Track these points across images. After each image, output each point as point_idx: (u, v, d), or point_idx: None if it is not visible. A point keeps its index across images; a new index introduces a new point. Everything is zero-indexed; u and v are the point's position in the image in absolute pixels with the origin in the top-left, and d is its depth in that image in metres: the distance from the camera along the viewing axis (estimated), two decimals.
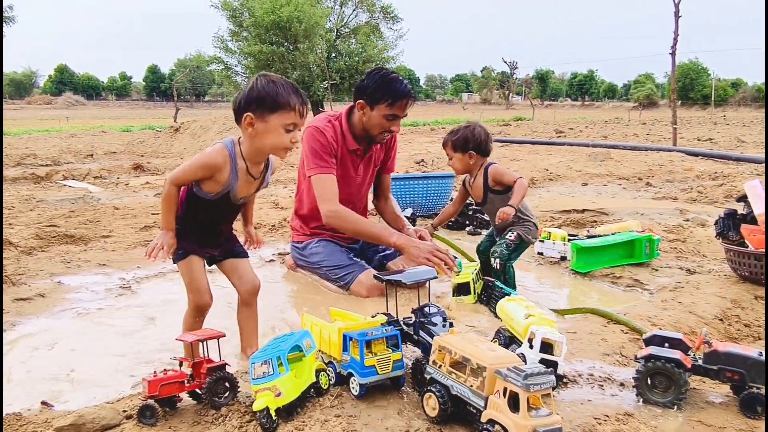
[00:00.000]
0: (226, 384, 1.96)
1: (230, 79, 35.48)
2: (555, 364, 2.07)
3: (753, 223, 3.42)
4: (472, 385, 1.76)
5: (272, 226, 5.25)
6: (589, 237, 4.24)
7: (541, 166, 10.29)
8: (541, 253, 4.28)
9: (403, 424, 1.83)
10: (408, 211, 5.28)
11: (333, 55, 35.75)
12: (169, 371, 1.95)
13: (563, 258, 4.14)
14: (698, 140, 16.65)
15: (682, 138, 16.49)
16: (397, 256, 3.70)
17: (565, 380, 2.22)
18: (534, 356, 2.07)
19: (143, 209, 6.07)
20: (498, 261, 3.29)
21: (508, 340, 2.32)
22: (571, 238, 4.27)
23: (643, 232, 4.16)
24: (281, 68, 30.77)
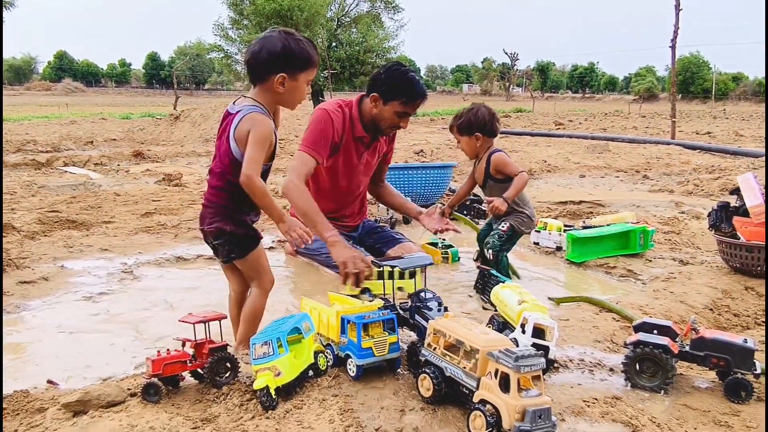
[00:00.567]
0: (227, 364, 2.02)
1: (230, 67, 35.44)
2: (546, 349, 2.14)
3: (745, 216, 3.49)
4: (465, 367, 1.82)
5: None
6: (585, 228, 4.31)
7: (539, 157, 10.33)
8: (537, 243, 4.34)
9: (398, 403, 1.89)
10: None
11: (334, 44, 35.65)
12: (172, 351, 2.00)
13: (559, 248, 4.20)
14: (697, 134, 16.69)
15: (681, 131, 16.52)
16: (396, 244, 3.76)
17: (556, 365, 2.29)
18: (526, 341, 2.13)
19: (144, 196, 6.12)
20: (490, 251, 3.33)
21: (501, 326, 2.38)
22: (567, 228, 4.33)
23: (637, 224, 4.22)
24: None
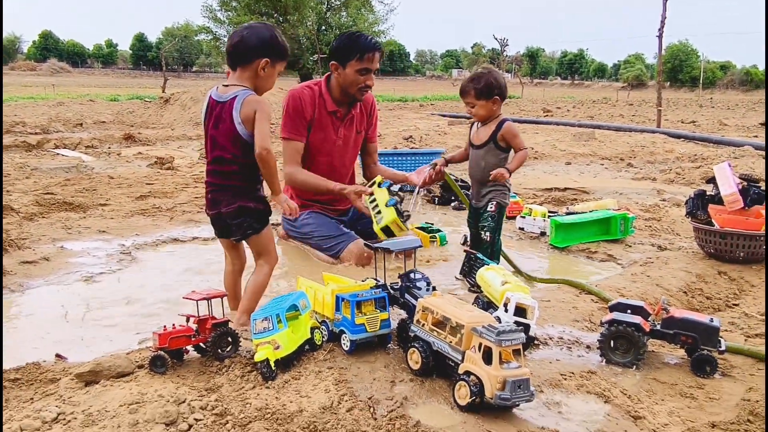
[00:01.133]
0: (229, 339, 2.16)
1: (218, 49, 35.27)
2: (527, 327, 2.29)
3: (720, 204, 3.65)
4: (451, 342, 1.97)
5: None
6: (568, 214, 4.46)
7: (527, 144, 10.45)
8: (522, 229, 4.49)
9: (389, 375, 2.04)
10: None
11: (323, 27, 35.56)
12: (176, 326, 2.13)
13: (543, 233, 4.35)
14: (682, 122, 16.93)
15: (667, 120, 16.73)
16: None
17: (536, 342, 2.45)
18: (509, 319, 2.28)
19: (137, 179, 6.20)
20: (488, 234, 3.44)
21: (485, 305, 2.53)
22: (551, 214, 4.48)
23: (618, 211, 4.39)
24: None
